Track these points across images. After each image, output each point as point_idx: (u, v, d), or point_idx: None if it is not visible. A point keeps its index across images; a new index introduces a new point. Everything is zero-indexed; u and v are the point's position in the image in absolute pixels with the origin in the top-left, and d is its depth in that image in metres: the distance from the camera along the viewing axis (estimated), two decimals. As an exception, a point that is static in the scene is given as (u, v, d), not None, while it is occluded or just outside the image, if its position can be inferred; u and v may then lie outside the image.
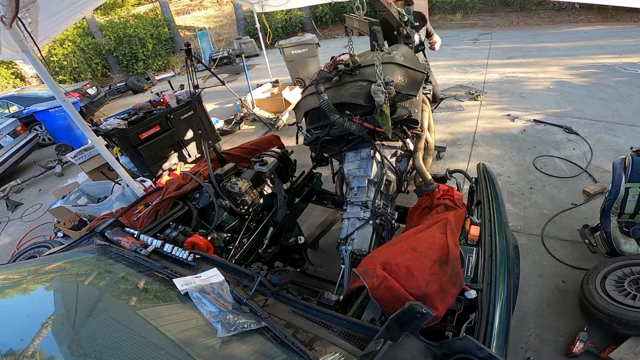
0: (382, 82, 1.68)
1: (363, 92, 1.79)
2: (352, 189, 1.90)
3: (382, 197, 1.85)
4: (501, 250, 1.23)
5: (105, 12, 14.09)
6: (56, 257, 1.45)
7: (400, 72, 1.85)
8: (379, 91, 1.66)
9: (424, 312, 0.80)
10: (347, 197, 1.91)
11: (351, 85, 1.87)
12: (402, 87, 1.82)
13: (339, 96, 1.85)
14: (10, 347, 0.76)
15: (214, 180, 1.87)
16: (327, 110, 1.78)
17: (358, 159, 1.95)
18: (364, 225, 1.72)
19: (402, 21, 2.60)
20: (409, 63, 1.92)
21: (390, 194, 1.90)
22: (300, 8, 13.32)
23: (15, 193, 5.23)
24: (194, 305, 0.93)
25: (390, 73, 1.78)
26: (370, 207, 1.76)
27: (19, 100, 6.95)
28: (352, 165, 1.95)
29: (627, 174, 2.25)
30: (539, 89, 5.65)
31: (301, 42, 6.25)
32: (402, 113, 1.80)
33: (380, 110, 1.68)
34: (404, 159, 2.00)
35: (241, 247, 1.91)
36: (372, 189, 1.84)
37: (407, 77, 1.87)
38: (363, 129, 1.79)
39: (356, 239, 1.71)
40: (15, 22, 2.05)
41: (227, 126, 5.77)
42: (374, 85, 1.68)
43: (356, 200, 1.82)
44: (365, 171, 1.88)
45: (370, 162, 1.89)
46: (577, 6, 11.04)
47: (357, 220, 1.75)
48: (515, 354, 1.92)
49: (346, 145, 1.99)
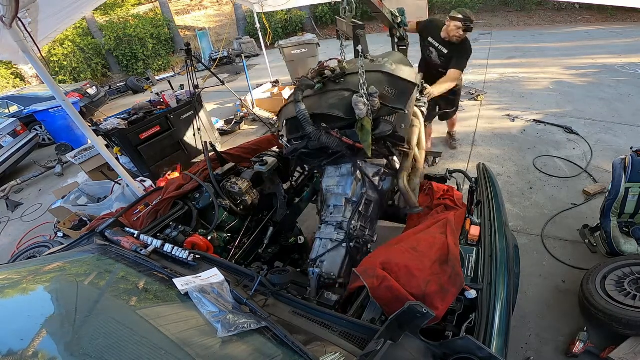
0: (365, 92, 1.53)
1: (344, 103, 1.62)
2: (328, 207, 1.76)
3: (360, 218, 1.70)
4: (501, 250, 1.23)
5: (105, 12, 14.08)
6: (56, 257, 1.45)
7: (389, 82, 1.70)
8: (360, 103, 1.50)
9: (424, 312, 0.80)
10: (322, 215, 1.77)
11: (333, 95, 1.71)
12: (389, 99, 1.66)
13: (317, 106, 1.69)
14: (10, 347, 0.76)
15: (214, 180, 1.87)
16: (303, 121, 1.64)
17: (338, 175, 1.81)
18: (336, 248, 1.59)
19: (396, 23, 2.51)
20: (401, 72, 1.76)
21: (369, 215, 1.76)
22: (300, 8, 13.32)
23: (15, 193, 5.23)
24: (194, 305, 0.93)
25: (376, 83, 1.63)
26: (345, 228, 1.61)
27: (19, 100, 6.95)
28: (332, 181, 1.81)
29: (627, 174, 2.25)
30: (539, 89, 5.65)
31: (301, 42, 6.25)
32: (385, 129, 1.62)
33: (361, 124, 1.52)
34: (389, 178, 1.82)
35: (241, 247, 1.91)
36: (350, 209, 1.70)
37: (396, 88, 1.70)
38: (341, 144, 1.64)
39: (326, 261, 1.57)
40: (15, 22, 2.05)
41: (227, 126, 5.77)
42: (356, 96, 1.53)
43: (331, 219, 1.69)
44: (344, 189, 1.73)
45: (350, 180, 1.74)
46: (577, 6, 11.04)
47: (329, 242, 1.62)
48: (515, 354, 1.92)
49: (326, 160, 1.83)
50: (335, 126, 1.65)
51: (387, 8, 2.33)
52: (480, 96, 5.47)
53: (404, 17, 2.62)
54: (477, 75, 6.63)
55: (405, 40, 2.70)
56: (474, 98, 5.47)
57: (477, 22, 12.04)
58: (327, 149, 1.75)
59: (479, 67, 7.10)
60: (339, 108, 1.63)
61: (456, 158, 3.94)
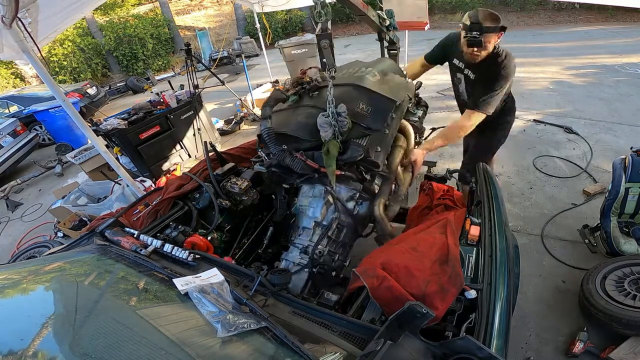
0: (333, 111, 1.36)
1: (310, 122, 1.47)
2: (298, 228, 1.68)
3: (329, 242, 1.59)
4: (501, 250, 1.23)
5: (105, 12, 14.08)
6: (56, 257, 1.45)
7: (365, 98, 1.53)
8: (326, 124, 1.35)
9: (424, 312, 0.80)
10: (291, 234, 1.69)
11: (302, 112, 1.58)
12: (364, 117, 1.49)
13: (286, 124, 1.57)
14: (10, 347, 0.76)
15: (214, 180, 1.87)
16: (267, 141, 1.52)
17: (311, 195, 1.69)
18: (298, 272, 1.52)
19: (384, 26, 2.28)
20: (381, 86, 1.59)
21: (341, 240, 1.64)
22: (300, 8, 13.29)
23: (15, 193, 5.23)
24: (194, 305, 0.93)
25: (350, 99, 1.46)
26: (310, 253, 1.52)
27: (19, 100, 6.95)
28: (305, 200, 1.70)
29: (627, 174, 2.26)
30: (539, 88, 5.66)
31: (301, 42, 6.25)
32: (355, 153, 1.45)
33: (327, 148, 1.37)
34: (365, 203, 1.67)
35: (241, 247, 1.91)
36: (318, 233, 1.59)
37: (372, 106, 1.53)
38: (306, 168, 1.51)
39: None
40: (15, 22, 2.05)
41: (227, 126, 5.77)
42: (321, 115, 1.37)
43: (298, 242, 1.61)
44: (314, 212, 1.63)
45: (321, 203, 1.62)
46: (577, 6, 11.04)
47: (292, 265, 1.55)
48: (515, 354, 1.92)
49: (298, 179, 1.72)
50: (302, 147, 1.53)
51: (372, 11, 2.08)
52: (480, 96, 5.47)
53: (393, 20, 2.35)
54: (477, 75, 6.63)
55: (395, 44, 2.49)
56: (474, 98, 5.47)
57: (477, 22, 12.05)
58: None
59: (479, 67, 7.09)
60: (304, 129, 1.50)
61: (456, 158, 3.94)
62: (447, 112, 5.11)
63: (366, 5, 1.92)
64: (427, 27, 4.78)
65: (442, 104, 5.46)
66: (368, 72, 1.66)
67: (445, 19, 12.61)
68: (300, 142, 1.53)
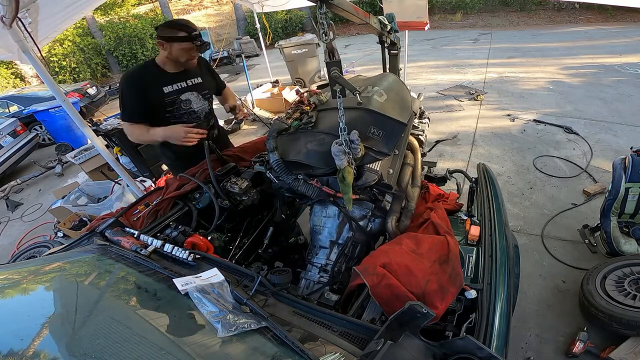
0: (346, 139, 1.32)
1: (323, 150, 1.44)
2: (314, 247, 1.70)
3: (345, 260, 1.62)
4: (501, 250, 1.23)
5: (105, 12, 14.10)
6: (56, 257, 1.45)
7: (375, 122, 1.50)
8: (340, 152, 1.31)
9: (425, 312, 0.80)
10: (308, 253, 1.72)
11: (311, 139, 1.54)
12: (375, 142, 1.47)
13: (296, 152, 1.54)
14: (11, 347, 0.76)
15: (214, 180, 1.87)
16: (279, 173, 1.53)
17: (324, 215, 1.70)
18: (319, 290, 1.55)
19: (385, 30, 2.29)
20: (389, 107, 1.58)
21: (356, 255, 1.67)
22: (300, 8, 13.33)
23: (15, 193, 5.23)
24: (194, 305, 0.93)
25: (360, 124, 1.44)
26: (329, 271, 1.57)
27: (19, 100, 6.95)
28: (317, 220, 1.72)
29: (627, 174, 2.26)
30: (539, 89, 5.66)
31: (301, 42, 6.26)
32: (370, 179, 1.45)
33: (342, 175, 1.35)
34: (378, 220, 1.69)
35: (241, 247, 1.91)
36: (335, 252, 1.63)
37: (383, 129, 1.50)
38: (322, 194, 1.53)
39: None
40: (15, 22, 2.05)
41: (227, 126, 5.77)
42: (335, 144, 1.33)
43: (316, 261, 1.64)
44: (330, 231, 1.66)
45: (336, 223, 1.65)
46: (577, 6, 11.05)
47: (314, 284, 1.59)
48: (515, 354, 1.92)
49: (311, 200, 1.72)
50: (315, 174, 1.53)
51: (374, 17, 2.07)
52: (480, 96, 5.48)
53: (394, 23, 2.37)
54: (476, 75, 6.64)
55: (396, 45, 2.50)
56: (474, 98, 5.47)
57: (477, 22, 12.06)
58: None
59: (479, 67, 7.11)
60: (317, 157, 1.48)
61: (456, 158, 3.95)
62: (447, 112, 5.11)
63: (368, 13, 1.92)
64: (427, 27, 4.79)
65: (442, 104, 5.47)
66: (375, 91, 1.65)
67: (445, 19, 12.62)
68: (312, 169, 1.53)
